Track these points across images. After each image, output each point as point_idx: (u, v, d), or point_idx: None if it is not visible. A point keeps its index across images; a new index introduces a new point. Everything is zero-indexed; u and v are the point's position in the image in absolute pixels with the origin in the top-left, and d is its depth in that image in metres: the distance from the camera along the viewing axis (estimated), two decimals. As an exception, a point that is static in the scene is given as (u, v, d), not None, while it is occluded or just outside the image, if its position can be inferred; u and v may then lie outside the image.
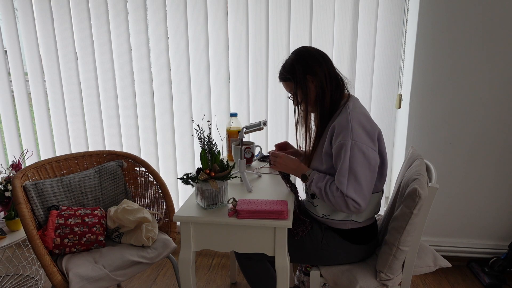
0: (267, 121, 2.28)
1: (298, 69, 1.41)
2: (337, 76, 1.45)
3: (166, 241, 1.72)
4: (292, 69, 1.43)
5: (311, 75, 1.41)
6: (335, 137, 1.36)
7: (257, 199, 1.41)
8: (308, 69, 1.41)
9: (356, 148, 1.30)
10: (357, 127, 1.33)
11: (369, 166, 1.32)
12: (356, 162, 1.30)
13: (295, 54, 1.45)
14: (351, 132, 1.31)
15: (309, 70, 1.41)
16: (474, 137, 2.10)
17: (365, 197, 1.32)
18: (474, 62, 1.99)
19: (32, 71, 2.42)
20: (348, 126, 1.33)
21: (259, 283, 1.60)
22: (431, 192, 1.31)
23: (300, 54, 1.44)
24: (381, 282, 1.40)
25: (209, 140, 1.43)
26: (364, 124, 1.35)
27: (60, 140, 2.53)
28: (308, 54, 1.43)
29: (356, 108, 1.40)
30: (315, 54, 1.43)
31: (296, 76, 1.42)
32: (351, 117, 1.35)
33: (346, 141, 1.31)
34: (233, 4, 2.16)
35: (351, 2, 2.06)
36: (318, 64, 1.41)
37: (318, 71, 1.40)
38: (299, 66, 1.41)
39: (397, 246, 1.33)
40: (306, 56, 1.42)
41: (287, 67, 1.45)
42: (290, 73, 1.43)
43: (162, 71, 2.32)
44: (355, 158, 1.30)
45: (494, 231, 2.23)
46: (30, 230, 1.46)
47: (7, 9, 2.35)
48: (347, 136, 1.31)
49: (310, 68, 1.41)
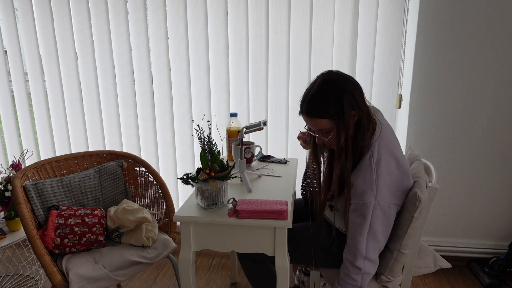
0: (267, 121, 2.28)
1: (345, 104, 1.16)
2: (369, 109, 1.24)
3: (166, 241, 1.72)
4: (332, 102, 1.16)
5: (356, 111, 1.19)
6: (354, 194, 1.24)
7: (257, 199, 1.41)
8: (354, 104, 1.17)
9: (378, 208, 1.21)
10: (383, 186, 1.20)
11: (388, 223, 1.26)
12: (378, 222, 1.22)
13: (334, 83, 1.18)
14: (375, 193, 1.19)
15: (354, 105, 1.18)
16: (474, 137, 2.10)
17: (379, 252, 1.29)
18: (474, 62, 1.99)
19: (32, 71, 2.42)
20: (372, 186, 1.19)
21: (260, 284, 1.60)
22: (432, 192, 1.31)
23: (341, 84, 1.18)
24: (381, 284, 1.40)
25: (209, 140, 1.43)
26: (389, 182, 1.21)
27: (60, 140, 2.53)
28: (349, 83, 1.19)
29: (381, 159, 1.20)
30: (354, 82, 1.21)
31: (342, 113, 1.16)
32: (376, 175, 1.19)
33: (369, 202, 1.20)
34: (233, 4, 2.16)
35: (351, 2, 2.06)
36: (360, 95, 1.19)
37: (361, 103, 1.18)
38: (346, 100, 1.16)
39: (399, 250, 1.32)
40: (349, 86, 1.18)
41: (325, 98, 1.17)
42: (329, 108, 1.17)
43: (162, 71, 2.32)
44: (377, 218, 1.22)
45: (494, 231, 2.23)
46: (30, 230, 1.46)
47: (7, 9, 2.35)
48: (371, 196, 1.19)
49: (355, 102, 1.17)
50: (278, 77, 2.22)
